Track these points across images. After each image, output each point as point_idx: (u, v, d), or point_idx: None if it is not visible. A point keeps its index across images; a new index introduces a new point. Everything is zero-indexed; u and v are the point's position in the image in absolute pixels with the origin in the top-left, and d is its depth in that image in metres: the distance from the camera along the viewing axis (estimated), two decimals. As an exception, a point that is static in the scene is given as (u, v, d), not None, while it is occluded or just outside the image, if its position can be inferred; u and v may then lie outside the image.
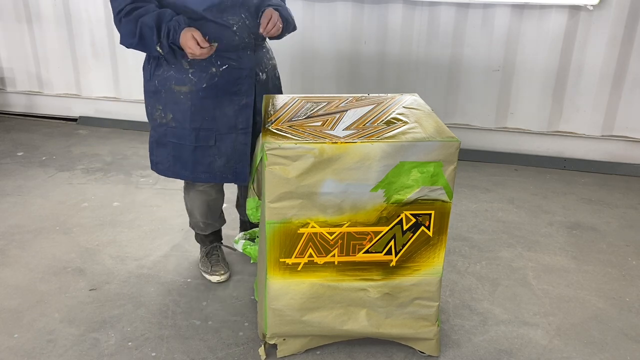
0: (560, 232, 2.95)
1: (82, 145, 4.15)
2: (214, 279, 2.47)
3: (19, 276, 2.52)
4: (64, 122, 4.70)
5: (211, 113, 2.11)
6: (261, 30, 2.07)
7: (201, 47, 1.92)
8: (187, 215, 3.14)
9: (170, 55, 2.05)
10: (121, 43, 2.05)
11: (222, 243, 2.63)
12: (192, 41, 1.91)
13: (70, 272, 2.56)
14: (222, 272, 2.48)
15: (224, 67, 2.09)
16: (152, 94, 2.17)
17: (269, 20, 2.06)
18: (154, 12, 1.96)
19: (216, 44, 1.98)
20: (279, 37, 2.19)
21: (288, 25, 2.19)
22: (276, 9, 2.13)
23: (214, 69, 2.08)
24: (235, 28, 2.07)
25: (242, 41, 2.10)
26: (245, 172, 2.20)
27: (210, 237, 2.58)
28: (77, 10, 4.33)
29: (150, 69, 2.16)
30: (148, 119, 2.26)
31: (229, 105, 2.13)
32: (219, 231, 2.61)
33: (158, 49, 1.98)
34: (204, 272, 2.52)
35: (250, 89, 2.14)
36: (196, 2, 2.00)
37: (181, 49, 1.97)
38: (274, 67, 2.36)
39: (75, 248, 2.75)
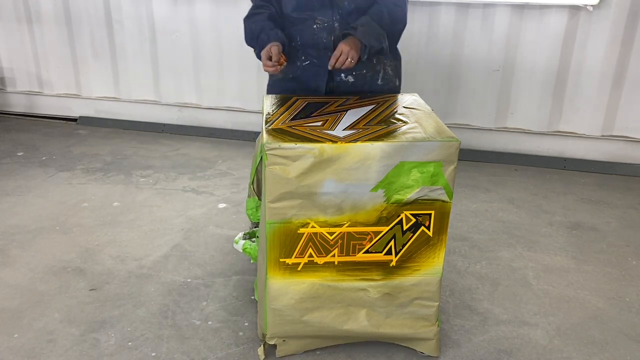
0: (560, 232, 2.95)
1: (82, 145, 4.15)
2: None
3: (19, 276, 2.52)
4: (64, 122, 4.70)
5: None
6: (329, 67, 2.08)
7: (271, 63, 2.06)
8: (186, 215, 3.15)
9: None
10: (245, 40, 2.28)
11: None
12: (265, 54, 2.08)
13: (70, 272, 2.56)
14: None
15: (306, 63, 2.22)
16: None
17: (337, 58, 2.05)
18: (261, 23, 2.18)
19: (285, 64, 2.11)
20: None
21: (365, 51, 2.08)
22: (358, 31, 2.06)
23: (299, 63, 2.23)
24: (315, 27, 2.17)
25: (319, 40, 2.18)
26: None
27: None
28: (77, 10, 4.33)
29: None
30: None
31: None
32: None
33: (255, 54, 2.21)
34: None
35: (320, 90, 2.24)
36: (287, 2, 2.18)
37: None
38: (377, 73, 2.26)
39: (75, 248, 2.75)
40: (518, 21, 3.56)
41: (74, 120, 4.71)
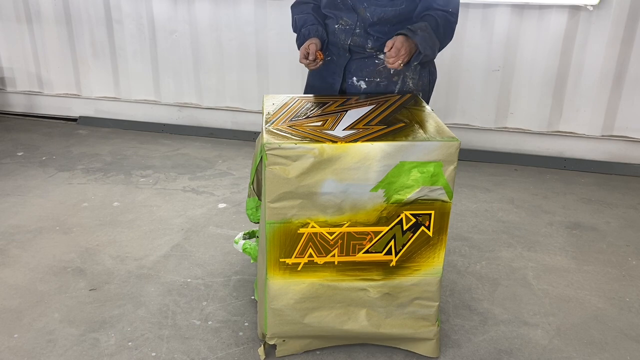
0: (560, 232, 2.95)
1: (82, 145, 4.15)
2: None
3: (19, 276, 2.52)
4: (64, 122, 4.70)
5: (316, 92, 2.35)
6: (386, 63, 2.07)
7: (306, 62, 2.14)
8: (186, 215, 3.15)
9: None
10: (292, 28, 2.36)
11: None
12: (302, 51, 2.15)
13: (70, 272, 2.56)
14: None
15: (327, 58, 2.27)
16: None
17: (389, 52, 2.00)
18: (304, 15, 2.26)
19: (321, 62, 2.18)
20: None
21: (418, 57, 2.04)
22: (418, 36, 2.00)
23: (324, 57, 2.26)
24: (337, 26, 2.20)
25: (338, 40, 2.21)
26: None
27: None
28: (77, 10, 4.34)
29: None
30: None
31: (323, 92, 2.32)
32: None
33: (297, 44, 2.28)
34: None
35: (335, 87, 2.27)
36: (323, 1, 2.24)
37: None
38: (394, 83, 2.21)
39: (75, 248, 2.75)
40: (518, 21, 3.56)
41: (74, 120, 4.71)
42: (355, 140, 1.75)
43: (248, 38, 4.06)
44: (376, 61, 2.19)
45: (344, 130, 1.85)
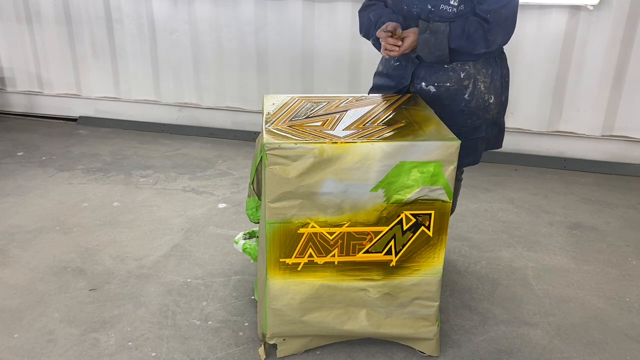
0: (560, 232, 2.95)
1: (82, 145, 4.16)
2: None
3: (19, 276, 2.52)
4: (64, 122, 4.70)
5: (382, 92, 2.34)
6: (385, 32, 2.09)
7: (392, 41, 2.08)
8: (186, 215, 3.15)
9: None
10: (360, 32, 2.35)
11: None
12: (382, 33, 2.10)
13: (70, 272, 2.56)
14: None
15: (396, 64, 2.28)
16: None
17: (388, 37, 2.07)
18: (380, 10, 2.23)
19: (400, 38, 2.10)
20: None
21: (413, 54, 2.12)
22: (421, 37, 2.06)
23: (392, 62, 2.30)
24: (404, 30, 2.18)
25: None
26: None
27: None
28: (77, 10, 4.34)
29: None
30: None
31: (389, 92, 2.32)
32: None
33: (373, 44, 2.26)
34: None
35: (405, 90, 2.28)
36: (394, 5, 2.21)
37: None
38: (465, 88, 2.16)
39: (75, 248, 2.75)
40: (518, 21, 3.55)
41: (74, 120, 4.71)
42: (355, 140, 1.75)
43: (248, 38, 4.06)
44: (445, 66, 2.15)
45: (344, 130, 1.85)
